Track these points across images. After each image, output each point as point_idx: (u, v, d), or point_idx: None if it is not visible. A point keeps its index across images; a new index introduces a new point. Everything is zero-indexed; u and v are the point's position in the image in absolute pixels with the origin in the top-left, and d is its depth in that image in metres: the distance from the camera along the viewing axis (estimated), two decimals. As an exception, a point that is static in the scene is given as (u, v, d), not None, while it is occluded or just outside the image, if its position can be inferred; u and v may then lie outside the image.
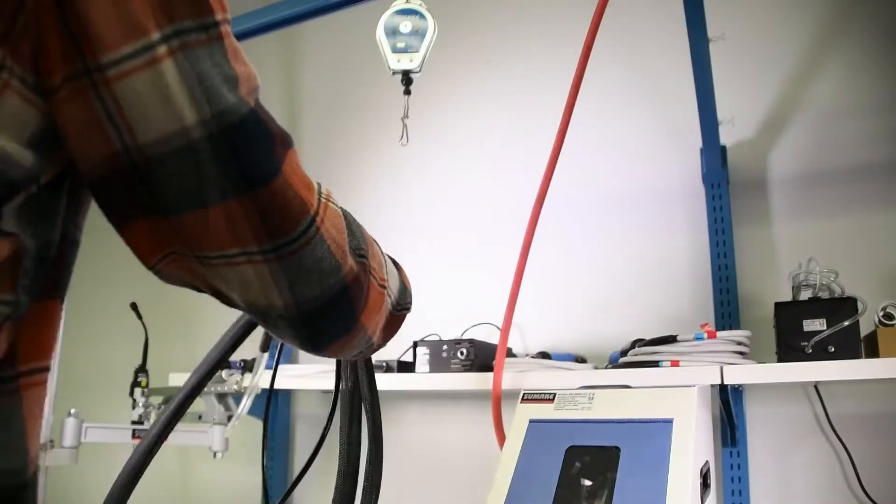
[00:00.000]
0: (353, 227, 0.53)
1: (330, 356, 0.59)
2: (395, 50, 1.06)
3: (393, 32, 1.06)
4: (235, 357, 1.80)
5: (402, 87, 1.08)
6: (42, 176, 0.40)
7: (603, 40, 1.22)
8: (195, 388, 0.87)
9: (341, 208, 0.52)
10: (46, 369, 0.44)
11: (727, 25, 1.43)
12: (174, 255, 0.45)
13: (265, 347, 1.06)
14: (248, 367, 1.76)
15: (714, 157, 1.58)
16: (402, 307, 0.65)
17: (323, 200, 0.49)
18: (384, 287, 0.59)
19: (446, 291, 1.88)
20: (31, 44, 0.37)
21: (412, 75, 1.04)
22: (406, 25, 1.05)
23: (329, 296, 0.49)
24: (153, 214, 0.43)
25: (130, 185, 0.42)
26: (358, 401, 0.90)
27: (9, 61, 0.36)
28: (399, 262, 0.68)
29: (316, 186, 0.49)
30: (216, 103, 0.40)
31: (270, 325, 0.52)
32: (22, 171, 0.38)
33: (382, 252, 0.61)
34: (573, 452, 0.97)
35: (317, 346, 0.54)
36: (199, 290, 0.50)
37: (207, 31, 0.41)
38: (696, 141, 1.60)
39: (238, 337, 0.87)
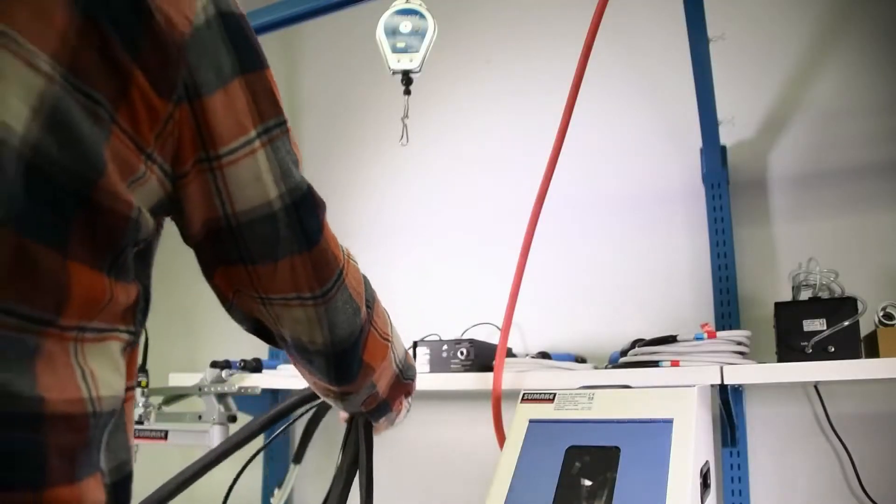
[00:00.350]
0: (367, 282, 0.68)
1: (350, 391, 0.70)
2: (395, 50, 1.06)
3: (393, 32, 1.06)
4: (235, 357, 1.81)
5: (402, 87, 1.08)
6: (154, 236, 0.52)
7: (603, 40, 1.22)
8: (250, 436, 1.00)
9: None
10: (136, 385, 0.57)
11: (727, 25, 1.43)
12: (243, 294, 0.59)
13: (298, 459, 1.10)
14: (247, 366, 1.76)
15: (714, 157, 1.58)
16: (407, 377, 0.78)
17: (344, 256, 0.63)
18: (387, 340, 0.71)
19: (446, 291, 1.88)
20: (172, 142, 0.49)
21: (412, 75, 1.04)
22: (406, 25, 1.05)
23: (355, 335, 0.64)
24: (235, 263, 0.56)
25: (224, 242, 0.54)
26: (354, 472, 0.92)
27: (156, 154, 0.48)
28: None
29: (341, 245, 0.63)
30: (290, 181, 0.54)
31: (306, 360, 0.64)
32: (147, 231, 0.49)
33: (391, 322, 0.75)
34: (573, 452, 0.97)
35: (342, 379, 0.67)
36: (254, 329, 0.64)
37: (281, 127, 0.55)
38: (696, 141, 1.60)
39: (292, 406, 1.05)
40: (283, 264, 0.56)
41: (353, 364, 0.66)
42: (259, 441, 1.11)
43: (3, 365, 0.38)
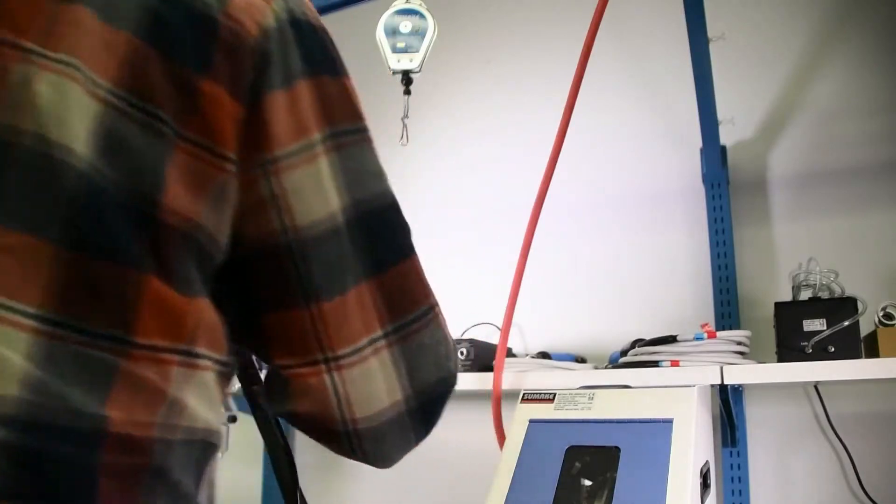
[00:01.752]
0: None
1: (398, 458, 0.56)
2: (395, 50, 1.06)
3: (393, 32, 1.06)
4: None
5: (402, 87, 1.08)
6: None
7: (603, 40, 1.22)
8: None
9: None
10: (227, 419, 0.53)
11: (727, 25, 1.43)
12: (305, 366, 0.48)
13: None
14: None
15: (714, 157, 1.58)
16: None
17: (435, 297, 0.55)
18: None
19: (446, 291, 1.88)
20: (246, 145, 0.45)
21: (412, 75, 1.04)
22: (406, 25, 1.05)
23: (446, 385, 0.54)
24: (295, 304, 0.47)
25: (282, 267, 0.47)
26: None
27: (239, 159, 0.45)
28: None
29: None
30: (360, 191, 0.49)
31: (388, 436, 0.52)
32: (220, 250, 0.46)
33: None
34: (573, 452, 0.97)
35: (426, 431, 0.55)
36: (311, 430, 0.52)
37: (357, 134, 0.50)
38: (696, 141, 1.60)
39: None
40: (353, 297, 0.48)
41: (438, 414, 0.55)
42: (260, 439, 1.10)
43: (74, 381, 0.38)
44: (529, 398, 1.09)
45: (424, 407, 0.52)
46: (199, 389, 0.44)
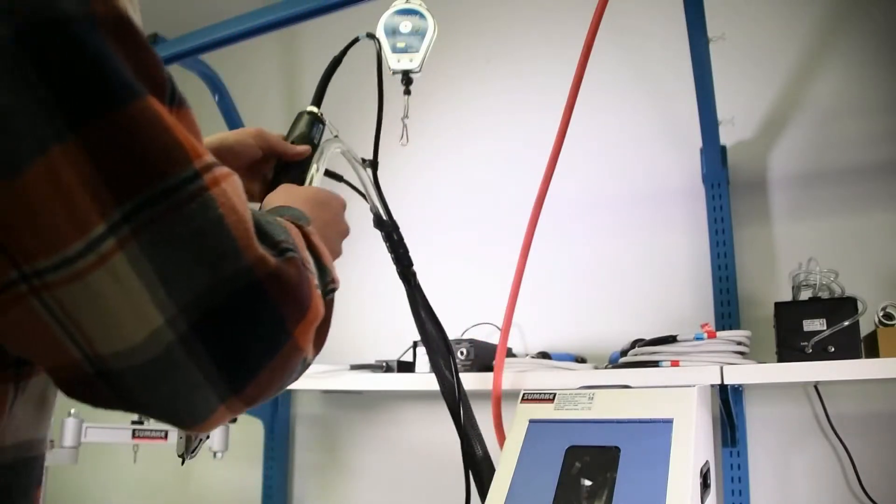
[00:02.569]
0: (261, 219, 0.40)
1: (246, 405, 0.40)
2: (395, 50, 1.06)
3: (393, 32, 1.06)
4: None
5: (402, 87, 1.08)
6: None
7: (603, 40, 1.22)
8: None
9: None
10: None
11: (727, 25, 1.43)
12: (3, 290, 0.33)
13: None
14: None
15: (714, 157, 1.58)
16: (329, 290, 0.49)
17: (215, 163, 0.36)
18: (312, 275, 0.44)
19: (446, 291, 1.88)
20: None
21: (412, 75, 1.04)
22: (406, 25, 1.05)
23: (243, 289, 0.36)
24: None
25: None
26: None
27: None
28: (297, 220, 0.48)
29: (203, 146, 0.36)
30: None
31: (155, 379, 0.35)
32: None
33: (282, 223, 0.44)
34: (573, 452, 0.97)
35: (237, 378, 0.37)
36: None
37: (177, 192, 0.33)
38: (696, 141, 1.60)
39: None
40: (36, 173, 0.31)
41: (254, 343, 0.38)
42: (260, 439, 1.11)
43: None
44: (529, 398, 1.09)
45: (206, 328, 0.35)
46: None
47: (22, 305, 0.33)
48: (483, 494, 1.05)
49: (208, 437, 0.72)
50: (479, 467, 1.06)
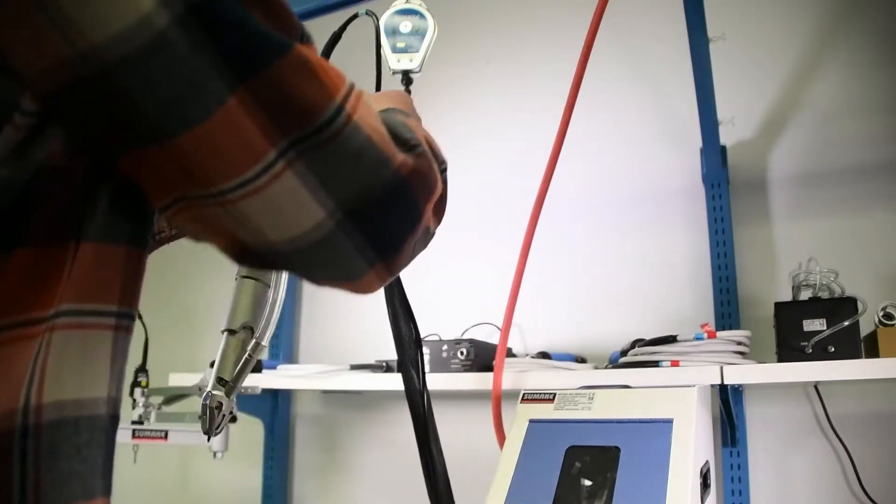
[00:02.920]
0: (392, 121, 0.48)
1: (391, 274, 0.51)
2: (395, 50, 1.06)
3: (393, 32, 1.06)
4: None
5: (403, 87, 1.08)
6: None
7: (603, 40, 1.22)
8: None
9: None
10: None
11: (727, 25, 1.43)
12: (185, 204, 0.41)
13: None
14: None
15: (714, 157, 1.58)
16: (443, 170, 0.61)
17: (356, 91, 0.44)
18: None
19: (446, 291, 1.88)
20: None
21: (412, 75, 1.04)
22: (406, 25, 1.05)
23: (387, 189, 0.45)
24: (138, 141, 0.39)
25: (105, 96, 0.37)
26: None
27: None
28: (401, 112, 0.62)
29: (346, 77, 0.44)
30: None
31: (320, 258, 0.45)
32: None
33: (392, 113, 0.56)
34: (573, 452, 0.97)
35: (383, 252, 0.47)
36: (223, 251, 0.46)
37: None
38: (696, 141, 1.60)
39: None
40: (219, 121, 0.39)
41: (395, 226, 0.48)
42: (260, 439, 1.11)
43: None
44: (529, 398, 1.09)
45: (358, 216, 0.43)
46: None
47: (206, 212, 0.41)
48: None
49: (232, 414, 0.78)
50: (437, 485, 1.01)
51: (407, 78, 1.02)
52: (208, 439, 0.75)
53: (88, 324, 0.43)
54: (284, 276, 0.80)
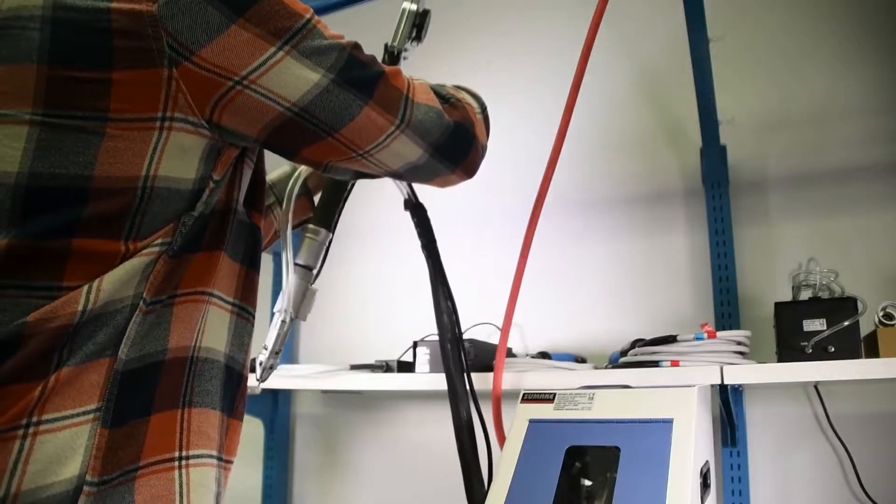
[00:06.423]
0: (437, 86, 0.81)
1: (468, 173, 0.89)
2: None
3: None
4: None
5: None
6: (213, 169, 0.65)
7: (603, 40, 1.22)
8: None
9: (426, 82, 0.79)
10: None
11: (727, 25, 1.43)
12: (340, 160, 0.71)
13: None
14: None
15: (714, 157, 1.58)
16: (484, 109, 0.96)
17: (407, 80, 0.74)
18: (472, 108, 0.88)
19: (446, 291, 1.88)
20: (184, 96, 0.59)
21: (405, 55, 1.07)
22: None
23: (450, 129, 0.77)
24: (321, 138, 0.67)
25: (298, 127, 0.65)
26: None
27: (173, 113, 0.59)
28: (459, 86, 0.94)
29: (405, 76, 0.74)
30: (327, 59, 0.64)
31: (424, 172, 0.80)
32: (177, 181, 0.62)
33: (468, 91, 0.94)
34: (573, 452, 0.97)
35: (456, 163, 0.83)
36: (356, 175, 0.79)
37: (302, 31, 0.63)
38: (696, 141, 1.60)
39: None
40: (362, 118, 0.67)
41: (460, 148, 0.81)
42: (260, 439, 1.10)
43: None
44: (529, 398, 1.09)
45: (439, 148, 0.78)
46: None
47: (353, 163, 0.73)
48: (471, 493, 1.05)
49: (273, 366, 1.00)
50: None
51: (391, 59, 1.06)
52: (258, 385, 1.00)
53: (221, 306, 0.68)
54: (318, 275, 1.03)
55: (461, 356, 1.15)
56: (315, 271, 1.01)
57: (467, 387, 1.14)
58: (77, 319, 0.55)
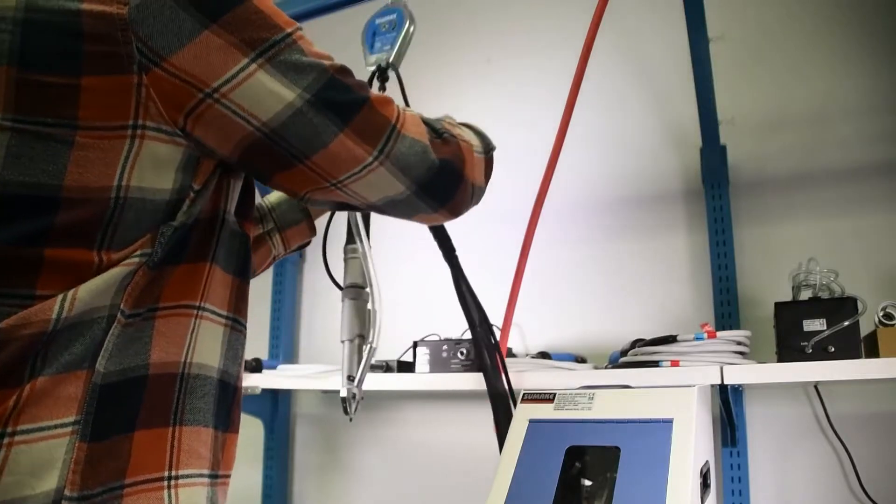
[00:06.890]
0: (430, 120, 0.75)
1: (453, 214, 0.82)
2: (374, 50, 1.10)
3: (373, 34, 1.09)
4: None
5: (399, 88, 1.09)
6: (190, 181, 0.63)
7: (603, 40, 1.22)
8: None
9: (419, 115, 0.74)
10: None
11: (727, 25, 1.43)
12: (315, 190, 0.67)
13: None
14: (247, 367, 1.76)
15: (714, 157, 1.58)
16: (488, 150, 0.89)
17: (399, 109, 0.69)
18: (467, 143, 0.80)
19: (446, 291, 1.88)
20: (154, 103, 0.57)
21: (391, 71, 1.09)
22: (384, 25, 1.09)
23: (434, 167, 0.71)
24: (293, 164, 0.64)
25: (270, 150, 0.62)
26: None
27: (144, 122, 0.57)
28: (467, 123, 0.90)
29: (396, 105, 0.69)
30: (304, 78, 0.61)
31: (404, 208, 0.74)
32: (157, 192, 0.60)
33: (466, 126, 0.86)
34: (573, 452, 0.97)
35: (444, 202, 0.77)
36: (337, 207, 0.75)
37: (281, 43, 0.60)
38: (696, 141, 1.60)
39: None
40: (336, 145, 0.63)
41: (445, 188, 0.75)
42: (260, 439, 1.11)
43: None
44: (529, 398, 1.09)
45: (424, 184, 0.71)
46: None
47: (328, 194, 0.68)
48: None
49: (362, 398, 1.03)
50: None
51: (382, 74, 1.08)
52: (350, 420, 1.02)
53: (214, 320, 0.66)
54: (378, 291, 1.01)
55: (490, 337, 1.22)
56: (367, 289, 1.02)
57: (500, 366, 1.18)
58: (51, 327, 0.54)
